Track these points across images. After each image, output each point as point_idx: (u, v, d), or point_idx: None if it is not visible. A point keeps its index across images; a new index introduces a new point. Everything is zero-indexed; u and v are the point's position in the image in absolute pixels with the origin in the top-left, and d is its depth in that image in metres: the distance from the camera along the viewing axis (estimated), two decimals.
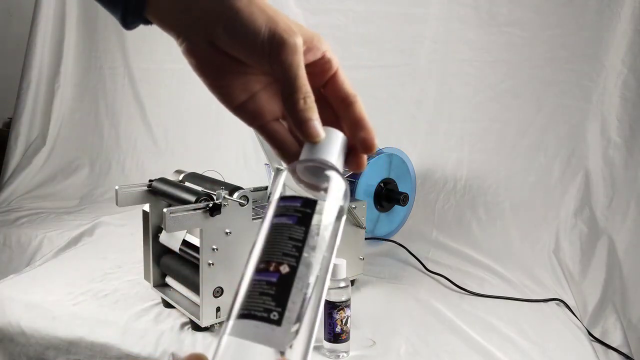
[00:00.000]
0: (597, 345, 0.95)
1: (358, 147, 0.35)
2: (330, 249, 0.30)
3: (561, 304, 1.06)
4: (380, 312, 0.97)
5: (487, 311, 0.99)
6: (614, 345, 0.96)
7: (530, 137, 1.46)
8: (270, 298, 0.26)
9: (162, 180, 0.92)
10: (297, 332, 0.26)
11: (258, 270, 0.28)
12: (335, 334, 0.80)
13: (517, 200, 1.43)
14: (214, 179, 0.93)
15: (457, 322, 0.94)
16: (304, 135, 0.32)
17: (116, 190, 0.90)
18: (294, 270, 0.27)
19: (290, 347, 0.25)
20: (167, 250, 0.94)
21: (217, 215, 0.80)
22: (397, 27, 1.58)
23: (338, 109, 0.36)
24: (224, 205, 0.81)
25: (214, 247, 0.81)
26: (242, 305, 0.26)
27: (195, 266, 0.85)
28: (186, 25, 0.33)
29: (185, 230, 0.87)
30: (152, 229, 0.94)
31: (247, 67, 0.34)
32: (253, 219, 0.87)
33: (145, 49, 2.00)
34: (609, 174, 1.36)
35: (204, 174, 0.98)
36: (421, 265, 1.20)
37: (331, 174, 0.33)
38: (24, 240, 1.44)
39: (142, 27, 0.37)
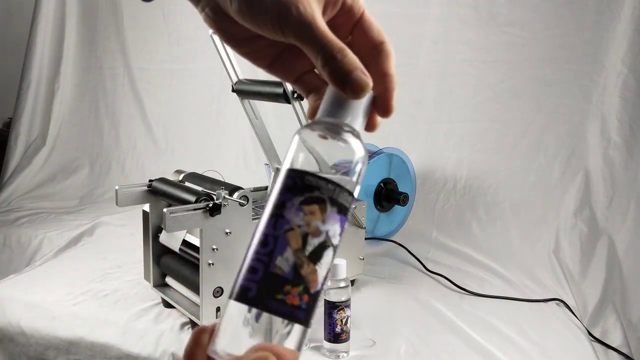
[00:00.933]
0: (597, 345, 0.95)
1: (376, 107, 0.32)
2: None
3: (561, 304, 1.06)
4: (380, 312, 0.97)
5: (487, 311, 0.99)
6: (614, 345, 0.96)
7: (530, 137, 1.46)
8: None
9: (162, 180, 0.92)
10: None
11: (326, 279, 0.28)
12: (335, 334, 0.80)
13: (517, 200, 1.43)
14: (214, 179, 0.93)
15: (457, 322, 0.94)
16: (351, 91, 0.29)
17: (116, 190, 0.90)
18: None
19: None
20: (167, 250, 0.94)
21: (217, 215, 0.80)
22: (397, 27, 1.58)
23: (365, 60, 0.31)
24: (224, 205, 0.81)
25: (214, 247, 0.81)
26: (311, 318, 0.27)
27: (195, 266, 0.85)
28: None
29: (185, 230, 0.87)
30: (152, 229, 0.94)
31: None
32: (253, 219, 0.87)
33: (145, 49, 2.00)
34: (609, 174, 1.36)
35: (204, 174, 0.98)
36: (421, 265, 1.20)
37: (350, 139, 0.30)
38: (24, 240, 1.44)
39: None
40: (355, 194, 0.30)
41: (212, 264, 0.81)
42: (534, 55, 1.45)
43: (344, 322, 0.80)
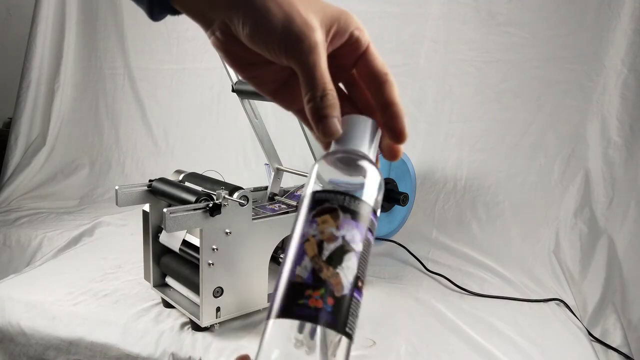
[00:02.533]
0: (597, 345, 0.95)
1: (388, 136, 0.33)
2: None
3: (561, 304, 1.06)
4: (380, 312, 0.97)
5: (487, 311, 0.99)
6: (614, 345, 0.96)
7: (530, 137, 1.46)
8: (356, 319, 0.28)
9: (162, 180, 0.92)
10: None
11: (357, 288, 0.28)
12: None
13: (517, 200, 1.43)
14: (214, 179, 0.93)
15: (457, 322, 0.94)
16: (321, 134, 0.31)
17: (116, 190, 0.90)
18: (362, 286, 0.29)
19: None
20: (167, 250, 0.94)
21: (217, 215, 0.80)
22: (397, 27, 1.58)
23: (369, 90, 0.34)
24: (224, 205, 0.81)
25: (214, 247, 0.81)
26: (347, 323, 0.27)
27: (195, 266, 0.85)
28: (209, 18, 0.33)
29: (185, 230, 0.87)
30: (152, 229, 0.94)
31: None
32: (253, 219, 0.87)
33: (145, 49, 2.00)
34: (609, 174, 1.36)
35: (204, 174, 0.98)
36: (421, 265, 1.20)
37: (364, 164, 0.32)
38: (24, 240, 1.44)
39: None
40: (377, 213, 0.31)
41: (212, 264, 0.81)
42: (534, 55, 1.45)
43: None
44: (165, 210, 0.76)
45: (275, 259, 0.94)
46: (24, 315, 0.93)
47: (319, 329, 0.26)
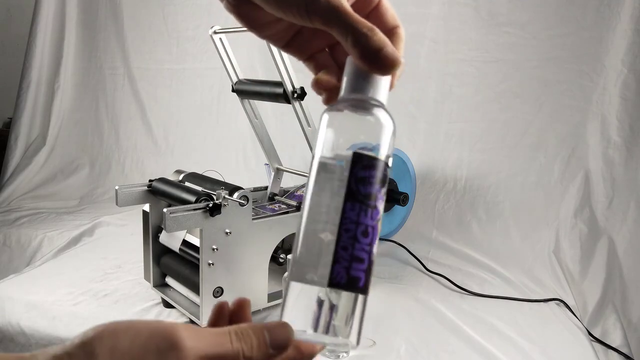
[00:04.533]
0: (597, 345, 0.95)
1: None
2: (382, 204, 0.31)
3: (561, 304, 1.06)
4: (380, 312, 0.97)
5: (487, 311, 0.99)
6: (614, 345, 0.96)
7: (530, 137, 1.46)
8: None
9: (162, 180, 0.92)
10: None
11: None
12: None
13: (517, 200, 1.43)
14: (214, 179, 0.93)
15: (457, 322, 0.94)
16: (383, 66, 0.30)
17: (116, 190, 0.90)
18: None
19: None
20: (167, 250, 0.94)
21: (217, 215, 0.80)
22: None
23: None
24: (224, 205, 0.81)
25: (214, 247, 0.81)
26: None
27: (195, 266, 0.85)
28: None
29: (185, 230, 0.87)
30: (152, 229, 0.94)
31: None
32: (253, 219, 0.87)
33: (145, 49, 2.00)
34: (609, 174, 1.36)
35: (204, 174, 0.98)
36: (421, 265, 1.20)
37: (380, 113, 0.31)
38: (24, 240, 1.44)
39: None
40: (390, 164, 0.31)
41: (212, 264, 0.81)
42: (534, 55, 1.45)
43: None
44: (165, 210, 0.76)
45: (275, 259, 0.94)
46: (24, 315, 0.93)
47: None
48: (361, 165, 0.29)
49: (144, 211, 0.94)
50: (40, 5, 2.00)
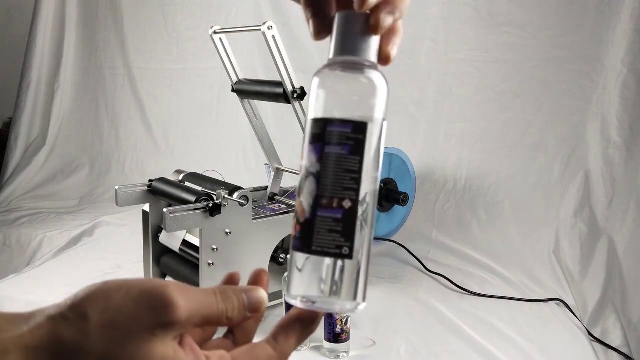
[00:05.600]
0: (597, 345, 0.95)
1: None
2: (378, 168, 0.29)
3: (561, 304, 1.06)
4: (380, 312, 0.97)
5: (487, 311, 0.99)
6: (614, 345, 0.96)
7: (530, 137, 1.46)
8: (339, 235, 0.28)
9: (162, 180, 0.92)
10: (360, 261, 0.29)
11: (321, 206, 0.28)
12: (335, 334, 0.80)
13: (517, 200, 1.43)
14: (214, 179, 0.93)
15: (457, 322, 0.94)
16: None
17: (116, 190, 0.90)
18: (355, 204, 0.28)
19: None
20: (167, 250, 0.94)
21: (217, 215, 0.80)
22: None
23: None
24: (224, 205, 0.81)
25: (214, 247, 0.81)
26: (313, 242, 0.28)
27: (195, 266, 0.85)
28: None
29: (185, 230, 0.87)
30: (152, 229, 0.94)
31: None
32: (253, 219, 0.87)
33: (145, 49, 2.00)
34: (609, 174, 1.36)
35: (204, 174, 0.98)
36: (421, 265, 1.20)
37: (373, 75, 0.29)
38: (24, 240, 1.44)
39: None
40: (384, 128, 0.30)
41: (212, 264, 0.81)
42: (534, 55, 1.45)
43: (344, 322, 0.80)
44: (165, 210, 0.76)
45: (275, 259, 0.94)
46: None
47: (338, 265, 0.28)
48: (370, 132, 0.29)
49: (144, 211, 0.94)
50: (40, 5, 2.01)
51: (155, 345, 0.25)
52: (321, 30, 0.31)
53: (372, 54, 0.30)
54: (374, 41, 0.30)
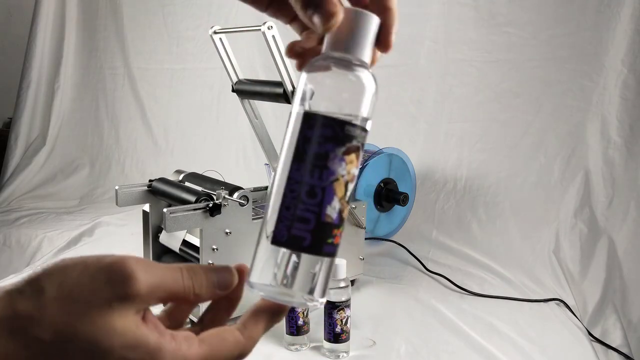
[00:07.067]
0: (597, 345, 0.95)
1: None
2: (316, 165, 0.30)
3: (561, 304, 1.06)
4: (380, 312, 0.97)
5: (487, 311, 0.99)
6: (614, 345, 0.96)
7: (530, 137, 1.46)
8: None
9: (162, 180, 0.92)
10: None
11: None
12: (335, 334, 0.80)
13: (517, 200, 1.43)
14: (214, 179, 0.93)
15: (457, 322, 0.94)
16: (318, 21, 0.28)
17: (116, 190, 0.90)
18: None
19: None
20: (167, 250, 0.94)
21: (217, 215, 0.80)
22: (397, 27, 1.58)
23: None
24: (224, 205, 0.81)
25: (214, 247, 0.81)
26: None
27: None
28: None
29: (185, 230, 0.87)
30: (152, 229, 0.94)
31: None
32: (253, 219, 0.87)
33: (145, 49, 2.00)
34: (609, 174, 1.36)
35: (204, 174, 0.98)
36: (421, 265, 1.20)
37: (362, 74, 0.30)
38: (24, 240, 1.44)
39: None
40: (368, 127, 0.31)
41: (212, 264, 0.81)
42: (534, 55, 1.45)
43: (344, 322, 0.80)
44: (165, 210, 0.76)
45: None
46: None
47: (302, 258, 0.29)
48: (308, 124, 0.29)
49: (144, 211, 0.94)
50: (40, 5, 2.01)
51: (114, 318, 0.24)
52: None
53: (367, 56, 0.30)
54: (370, 44, 0.31)
